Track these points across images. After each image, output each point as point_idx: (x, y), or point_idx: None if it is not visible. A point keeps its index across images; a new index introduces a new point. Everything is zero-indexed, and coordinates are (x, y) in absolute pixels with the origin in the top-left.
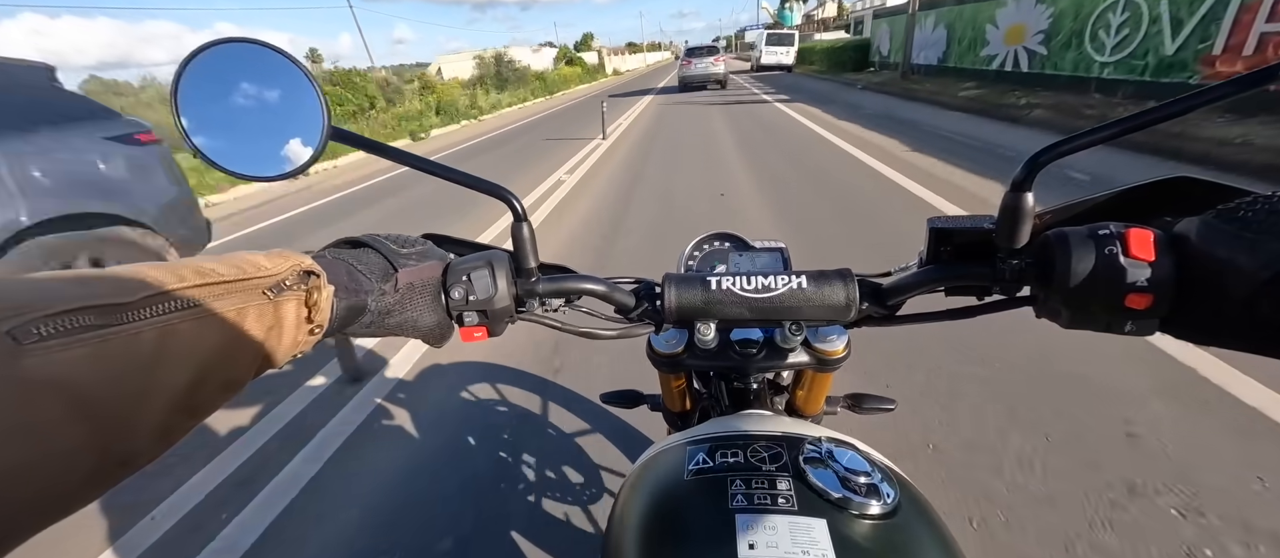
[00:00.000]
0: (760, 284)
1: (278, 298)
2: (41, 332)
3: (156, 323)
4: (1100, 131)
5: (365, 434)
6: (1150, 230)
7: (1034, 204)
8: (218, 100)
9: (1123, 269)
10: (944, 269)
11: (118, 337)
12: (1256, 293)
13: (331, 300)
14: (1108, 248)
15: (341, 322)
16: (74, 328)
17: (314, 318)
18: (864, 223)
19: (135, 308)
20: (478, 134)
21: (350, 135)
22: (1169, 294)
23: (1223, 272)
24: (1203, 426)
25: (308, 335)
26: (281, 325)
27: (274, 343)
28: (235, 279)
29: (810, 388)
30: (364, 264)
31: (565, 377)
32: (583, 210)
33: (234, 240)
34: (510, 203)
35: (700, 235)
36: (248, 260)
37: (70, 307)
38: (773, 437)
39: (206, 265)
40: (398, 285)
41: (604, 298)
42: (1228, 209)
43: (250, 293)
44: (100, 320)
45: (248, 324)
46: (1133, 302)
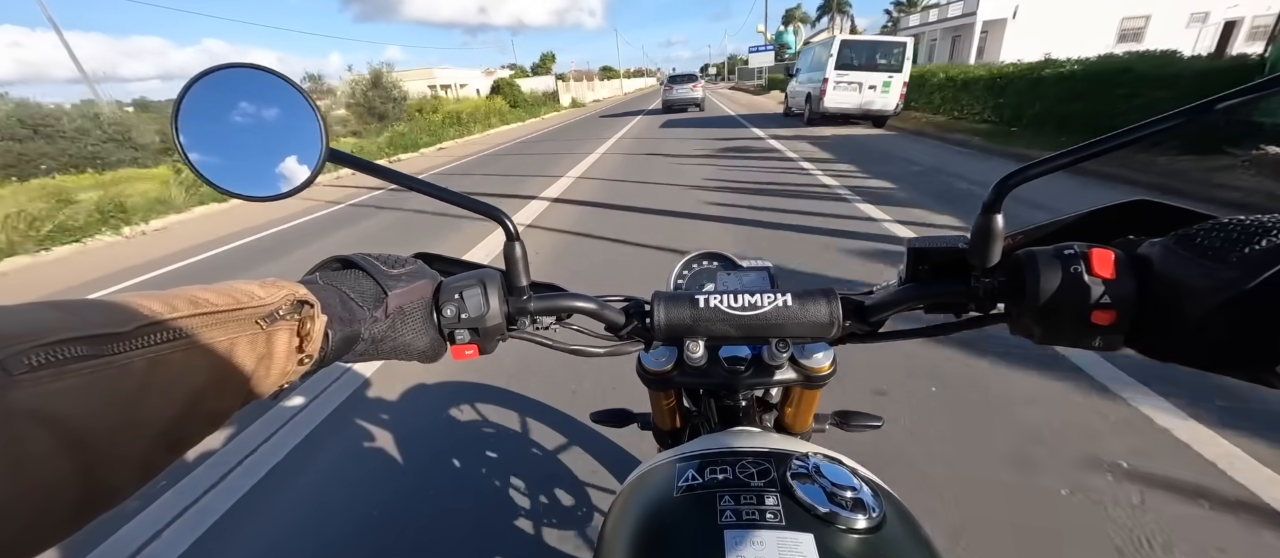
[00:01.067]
0: (747, 302)
1: (270, 328)
2: (32, 362)
3: (148, 354)
4: (1063, 157)
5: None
6: (1111, 251)
7: (1004, 226)
8: (218, 122)
9: (1087, 287)
10: (923, 287)
11: (109, 368)
12: (1209, 316)
13: (324, 330)
14: (1073, 267)
15: (336, 352)
16: (66, 359)
17: (305, 348)
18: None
19: (127, 338)
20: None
21: (346, 156)
22: (1130, 311)
23: (1179, 294)
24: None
25: (297, 365)
26: (272, 355)
27: (263, 374)
28: (229, 309)
29: (799, 405)
30: (356, 290)
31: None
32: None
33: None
34: (503, 222)
35: (689, 255)
36: (242, 290)
37: (63, 337)
38: (761, 453)
39: (201, 295)
40: (388, 310)
41: (594, 316)
42: (1186, 235)
43: (243, 323)
44: (92, 351)
45: (238, 355)
46: (1097, 318)
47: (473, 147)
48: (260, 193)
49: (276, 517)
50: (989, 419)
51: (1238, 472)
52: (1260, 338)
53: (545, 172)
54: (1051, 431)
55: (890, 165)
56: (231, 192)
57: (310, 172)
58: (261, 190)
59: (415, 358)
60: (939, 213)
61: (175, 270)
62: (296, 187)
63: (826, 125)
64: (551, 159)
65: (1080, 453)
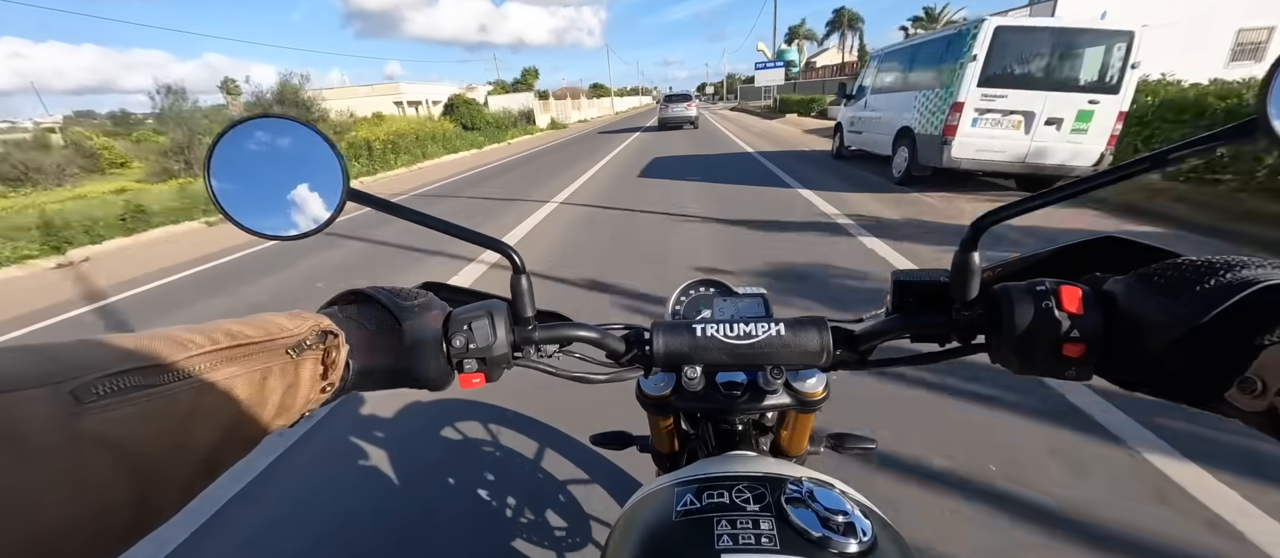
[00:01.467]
0: (742, 332)
1: (298, 357)
2: (99, 391)
3: (193, 383)
4: (1035, 200)
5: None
6: (1079, 288)
7: (981, 263)
8: (247, 167)
9: (1057, 321)
10: (908, 319)
11: (161, 396)
12: (1166, 348)
13: (346, 359)
14: (1044, 302)
15: (355, 382)
16: (126, 387)
17: (329, 376)
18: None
19: (175, 368)
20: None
21: (366, 196)
22: (1099, 345)
23: (1141, 328)
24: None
25: (319, 393)
26: (299, 384)
27: (290, 401)
28: (262, 340)
29: (794, 428)
30: (373, 322)
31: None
32: None
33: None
34: (510, 256)
35: (686, 283)
36: (272, 321)
37: (123, 368)
38: (756, 477)
39: (236, 328)
40: (405, 340)
41: (596, 344)
42: (1145, 273)
43: (274, 353)
44: (147, 380)
45: (270, 383)
46: (1068, 350)
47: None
48: (284, 232)
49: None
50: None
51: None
52: (1210, 369)
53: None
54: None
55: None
56: (258, 232)
57: (331, 212)
58: (286, 230)
59: (425, 386)
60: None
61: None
62: (318, 226)
63: (942, 189)
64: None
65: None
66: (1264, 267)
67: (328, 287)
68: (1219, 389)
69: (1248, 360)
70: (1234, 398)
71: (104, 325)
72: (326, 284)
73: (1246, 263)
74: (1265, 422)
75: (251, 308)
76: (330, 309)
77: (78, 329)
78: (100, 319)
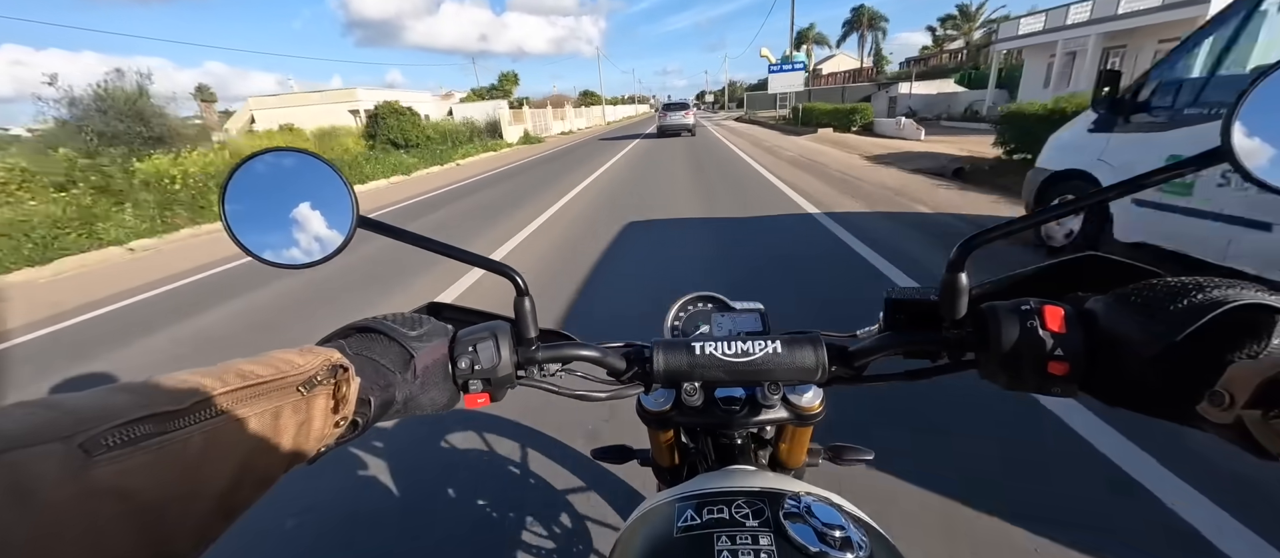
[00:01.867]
0: (739, 349)
1: (309, 393)
2: (109, 443)
3: (205, 428)
4: (1018, 222)
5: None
6: (1062, 307)
7: (968, 282)
8: (260, 199)
9: (1042, 340)
10: (900, 336)
11: (172, 443)
12: (1144, 366)
13: (357, 392)
14: (1029, 321)
15: (376, 416)
16: (136, 437)
17: (340, 410)
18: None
19: (186, 414)
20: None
21: (376, 223)
22: (1082, 363)
23: (1120, 346)
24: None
25: (333, 428)
26: (311, 420)
27: (304, 438)
28: (273, 379)
29: (792, 441)
30: (385, 356)
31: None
32: None
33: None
34: (513, 279)
35: (685, 297)
36: (282, 359)
37: (132, 417)
38: (754, 493)
39: (247, 368)
40: (417, 371)
41: (598, 363)
42: (1124, 293)
43: (286, 391)
44: (157, 428)
45: (283, 421)
46: (1053, 368)
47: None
48: (296, 261)
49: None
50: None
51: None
52: (1185, 384)
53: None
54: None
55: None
56: (271, 262)
57: (343, 240)
58: (297, 259)
59: (435, 411)
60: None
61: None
62: (329, 254)
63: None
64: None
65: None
66: (1233, 287)
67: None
68: (1191, 402)
69: (1216, 375)
70: (1205, 411)
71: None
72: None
73: (1217, 284)
74: (1233, 434)
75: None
76: (338, 342)
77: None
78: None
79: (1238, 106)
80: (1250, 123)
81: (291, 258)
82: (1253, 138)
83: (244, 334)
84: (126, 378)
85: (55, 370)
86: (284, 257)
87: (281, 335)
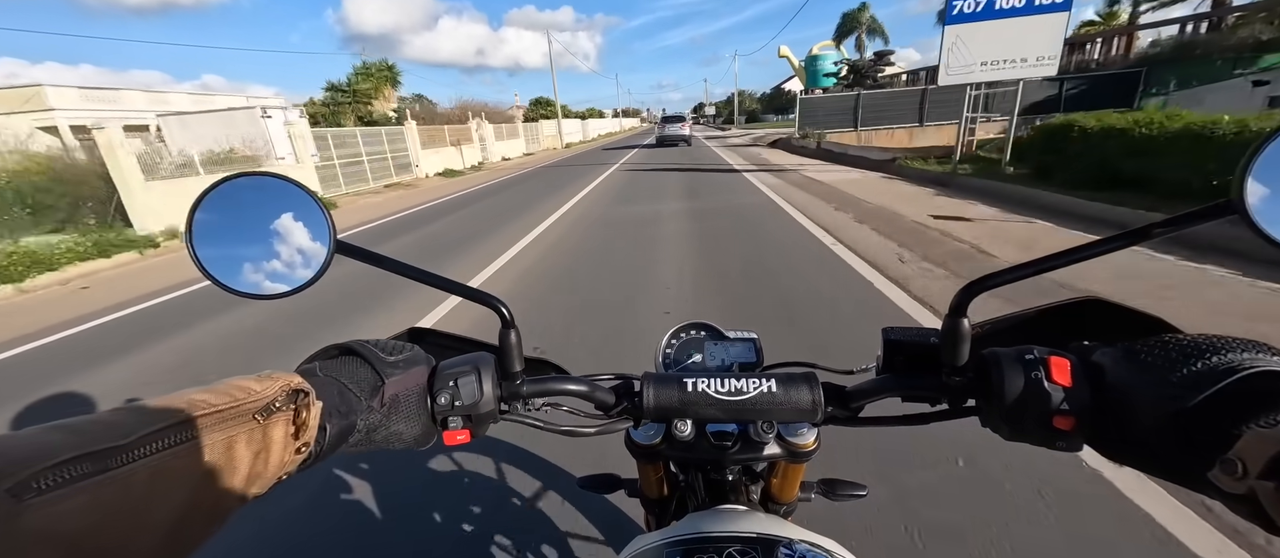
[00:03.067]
0: (733, 387)
1: (266, 421)
2: (39, 486)
3: (150, 462)
4: (1023, 269)
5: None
6: (1068, 358)
7: (970, 328)
8: (229, 228)
9: (1047, 394)
10: (900, 380)
11: (113, 482)
12: (1155, 429)
13: (319, 418)
14: (1033, 372)
15: (332, 445)
16: (71, 478)
17: (300, 436)
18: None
19: (128, 450)
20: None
21: (354, 249)
22: (1088, 419)
23: (1130, 406)
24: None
25: (294, 455)
26: (268, 449)
27: (261, 468)
28: (226, 407)
29: (784, 477)
30: (353, 379)
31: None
32: None
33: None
34: (498, 310)
35: (676, 326)
36: (238, 386)
37: (67, 457)
38: (749, 539)
39: (198, 396)
40: (384, 399)
41: (585, 398)
42: (1132, 349)
43: (240, 419)
44: (95, 467)
45: (237, 452)
46: (1059, 423)
47: None
48: (272, 291)
49: None
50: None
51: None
52: (1194, 450)
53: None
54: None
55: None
56: (243, 293)
57: (320, 267)
58: (274, 288)
59: (407, 445)
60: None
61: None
62: (306, 283)
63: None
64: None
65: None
66: (1248, 350)
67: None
68: (1203, 469)
69: (1229, 443)
70: (1216, 478)
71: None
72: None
73: (1230, 345)
74: (1244, 506)
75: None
76: (309, 365)
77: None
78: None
79: (1250, 162)
80: (1262, 179)
81: (265, 288)
82: (1263, 194)
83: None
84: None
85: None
86: (257, 287)
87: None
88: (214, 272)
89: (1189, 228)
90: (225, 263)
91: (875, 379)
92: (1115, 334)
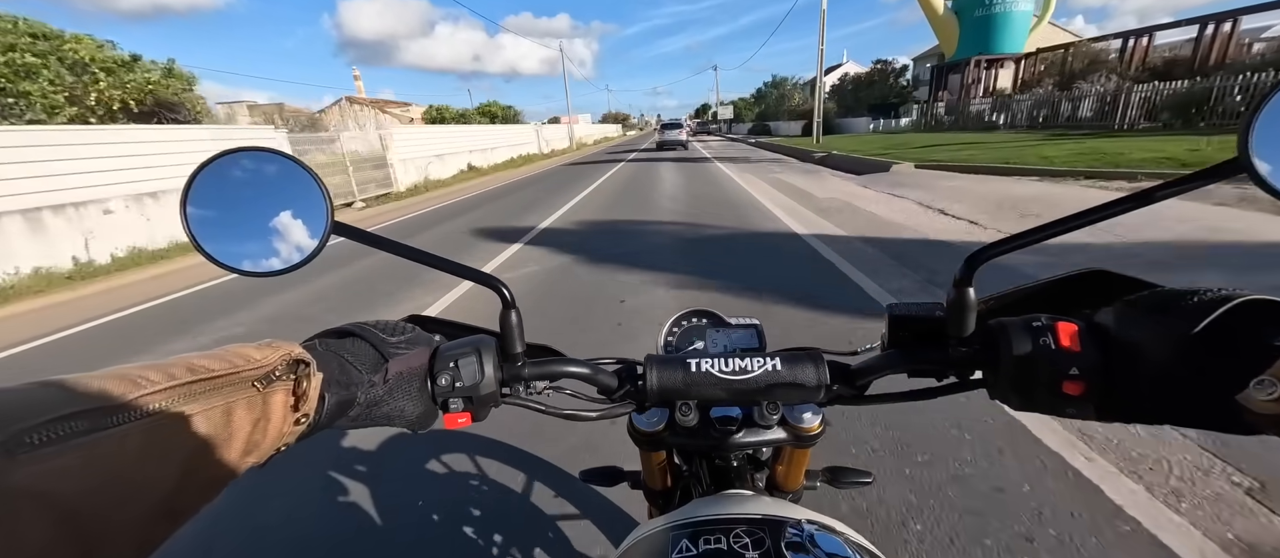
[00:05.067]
0: (737, 367)
1: (266, 389)
2: (34, 440)
3: (145, 424)
4: (1025, 237)
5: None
6: (1075, 323)
7: (975, 299)
8: (225, 204)
9: (1056, 358)
10: (905, 354)
11: (107, 440)
12: (1165, 366)
13: (320, 389)
14: (1042, 338)
15: (331, 416)
16: (65, 435)
17: (300, 407)
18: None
19: (124, 410)
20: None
21: (351, 229)
22: (1098, 381)
23: (1137, 352)
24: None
25: (293, 426)
26: (268, 418)
27: (259, 437)
28: (225, 373)
29: (789, 464)
30: (354, 355)
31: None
32: None
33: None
34: (499, 291)
35: (678, 313)
36: (238, 353)
37: (61, 413)
38: (754, 520)
39: (198, 362)
40: (387, 376)
41: (588, 380)
42: (1131, 300)
43: (240, 386)
44: (91, 424)
45: (236, 419)
46: (1068, 388)
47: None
48: (265, 268)
49: None
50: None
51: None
52: (1213, 383)
53: None
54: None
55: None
56: (237, 269)
57: (316, 245)
58: (267, 266)
59: (407, 425)
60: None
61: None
62: (302, 260)
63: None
64: None
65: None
66: (1236, 287)
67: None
68: (1224, 406)
69: (1264, 364)
70: (1250, 402)
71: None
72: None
73: (1223, 286)
74: (1276, 424)
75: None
76: (311, 341)
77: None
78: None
79: (1254, 119)
80: (1265, 134)
81: (258, 264)
82: (1269, 148)
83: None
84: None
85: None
86: (252, 264)
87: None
88: (207, 245)
89: (1197, 187)
90: (220, 238)
91: (880, 355)
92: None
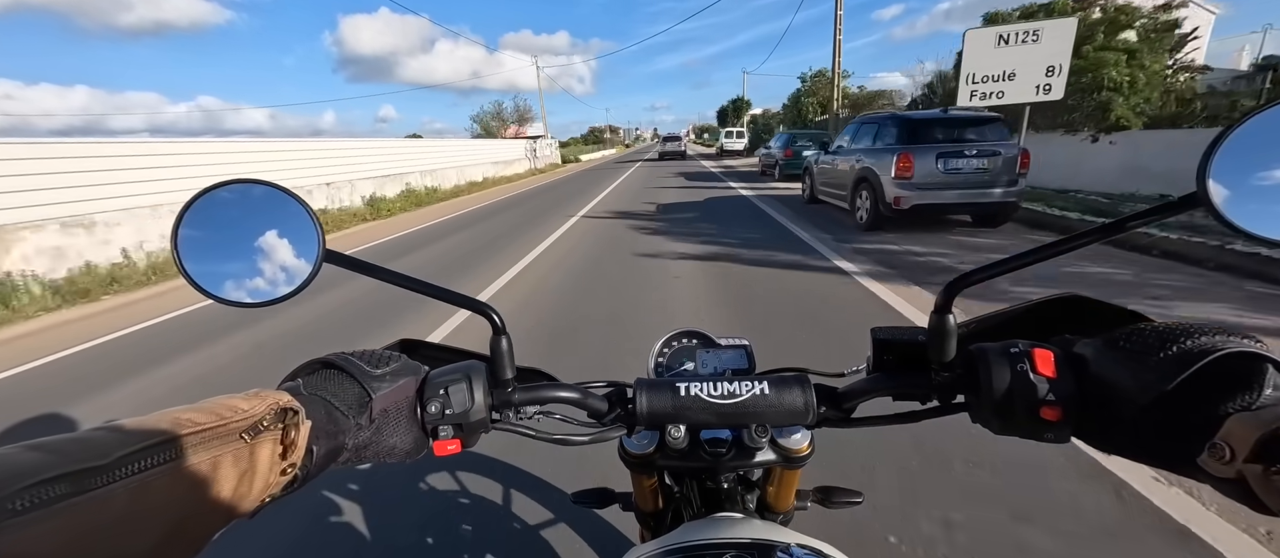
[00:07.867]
0: (726, 391)
1: (253, 440)
2: (15, 506)
3: (130, 483)
4: (1003, 264)
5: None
6: (1052, 350)
7: (955, 325)
8: (217, 235)
9: (1033, 385)
10: (889, 378)
11: (89, 503)
12: (1139, 415)
13: (308, 438)
14: (1019, 365)
15: (320, 466)
16: (48, 499)
17: (288, 456)
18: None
19: (108, 470)
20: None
21: (343, 257)
22: (1073, 408)
23: (1112, 394)
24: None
25: (280, 476)
26: (255, 470)
27: (246, 489)
28: (212, 426)
29: (780, 484)
30: (339, 397)
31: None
32: None
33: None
34: (490, 317)
35: (668, 334)
36: (225, 404)
37: (43, 477)
38: (745, 545)
39: (184, 415)
40: (373, 415)
41: (578, 405)
42: (1112, 338)
43: (227, 439)
44: (73, 488)
45: (222, 472)
46: (1046, 414)
47: None
48: (258, 299)
49: None
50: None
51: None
52: (1182, 435)
53: None
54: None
55: None
56: (229, 301)
57: (308, 274)
58: (260, 296)
59: (398, 459)
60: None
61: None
62: (294, 290)
63: None
64: None
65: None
66: (1220, 334)
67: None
68: (1191, 455)
69: (1215, 427)
70: (1206, 464)
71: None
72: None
73: (1204, 329)
74: (1235, 489)
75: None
76: (293, 382)
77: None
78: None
79: (1212, 155)
80: (1223, 170)
81: (251, 295)
82: (1225, 184)
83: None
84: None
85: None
86: (242, 294)
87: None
88: (200, 279)
89: (1161, 219)
90: (212, 270)
91: (866, 379)
92: (1094, 328)
